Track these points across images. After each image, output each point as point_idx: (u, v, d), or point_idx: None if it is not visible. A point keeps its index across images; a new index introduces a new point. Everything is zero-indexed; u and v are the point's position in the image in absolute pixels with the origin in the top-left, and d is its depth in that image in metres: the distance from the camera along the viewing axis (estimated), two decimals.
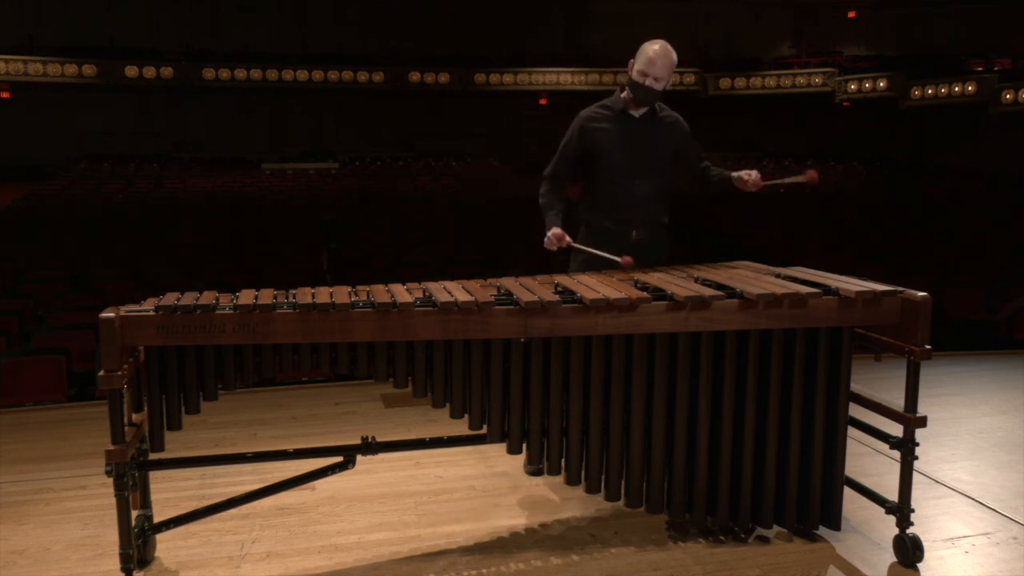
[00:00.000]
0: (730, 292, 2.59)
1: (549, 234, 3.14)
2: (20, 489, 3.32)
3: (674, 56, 3.11)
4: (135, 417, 2.46)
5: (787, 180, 3.17)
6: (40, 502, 3.20)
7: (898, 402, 2.60)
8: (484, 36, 22.08)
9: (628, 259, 2.92)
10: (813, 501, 2.71)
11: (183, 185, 17.28)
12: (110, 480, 2.34)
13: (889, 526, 2.71)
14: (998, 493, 3.16)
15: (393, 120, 22.12)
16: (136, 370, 2.43)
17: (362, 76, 20.97)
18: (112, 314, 2.29)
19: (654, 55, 3.09)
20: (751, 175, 3.20)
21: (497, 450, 3.34)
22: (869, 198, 15.87)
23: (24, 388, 5.05)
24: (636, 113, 3.21)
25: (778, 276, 2.85)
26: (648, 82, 3.10)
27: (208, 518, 2.70)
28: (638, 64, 3.12)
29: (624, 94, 3.21)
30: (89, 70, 19.46)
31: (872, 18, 23.29)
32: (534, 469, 3.35)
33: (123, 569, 2.39)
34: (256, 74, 20.44)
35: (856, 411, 2.72)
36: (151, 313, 2.34)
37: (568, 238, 3.13)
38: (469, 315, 2.45)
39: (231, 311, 2.37)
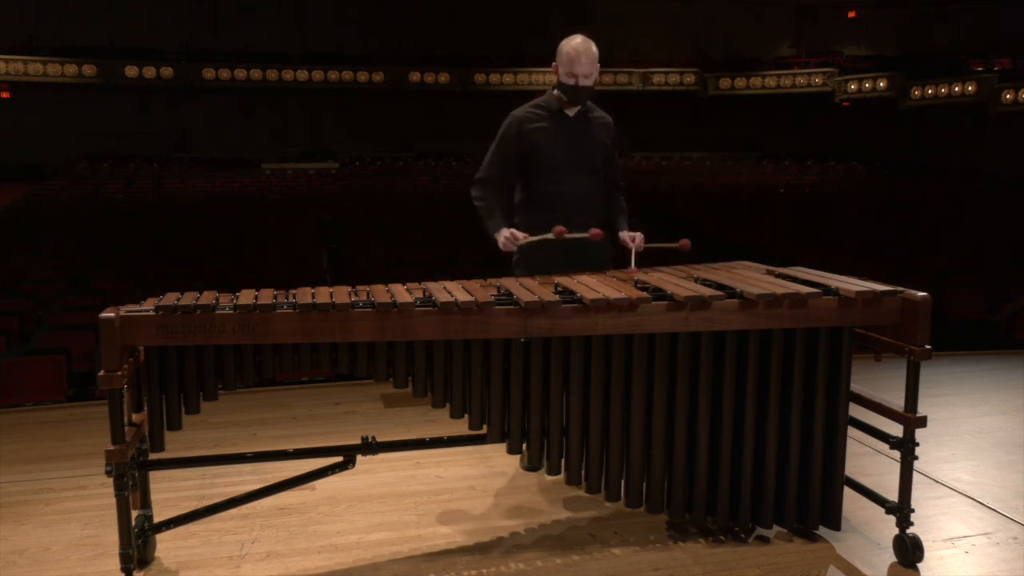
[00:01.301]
0: (730, 292, 2.59)
1: (502, 238, 3.10)
2: (20, 489, 3.32)
3: (594, 48, 3.10)
4: (135, 417, 2.46)
5: (663, 245, 3.16)
6: (40, 502, 3.20)
7: (898, 402, 2.60)
8: (484, 36, 22.08)
9: (561, 228, 2.96)
10: (813, 501, 2.71)
11: (183, 185, 17.28)
12: (110, 480, 2.34)
13: (889, 526, 2.71)
14: (998, 493, 3.16)
15: (393, 120, 22.13)
16: (136, 370, 2.43)
17: (362, 76, 20.98)
18: (112, 314, 2.29)
19: (574, 53, 3.08)
20: (636, 239, 3.15)
21: (497, 450, 3.34)
22: (869, 198, 15.86)
23: (24, 388, 5.05)
24: (570, 112, 3.21)
25: (778, 276, 2.85)
26: (578, 81, 3.10)
27: (208, 518, 2.70)
28: (562, 66, 3.11)
29: (556, 91, 3.20)
30: (89, 70, 19.47)
31: (872, 18, 23.30)
32: (529, 465, 3.36)
33: (123, 569, 2.39)
34: (256, 74, 20.45)
35: (856, 411, 2.72)
36: (151, 313, 2.34)
37: (522, 235, 3.09)
38: (469, 315, 2.45)
39: (231, 311, 2.37)
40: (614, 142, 3.34)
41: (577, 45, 3.09)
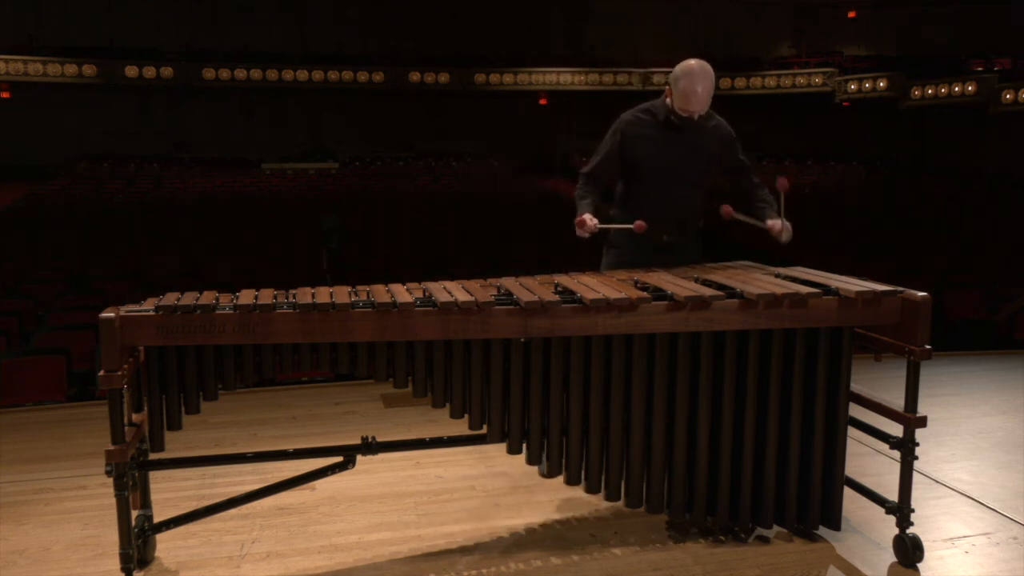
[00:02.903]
0: (730, 292, 2.59)
1: (576, 221, 3.10)
2: (20, 489, 3.32)
3: (710, 75, 3.02)
4: (135, 417, 2.46)
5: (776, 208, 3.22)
6: (40, 502, 3.19)
7: (898, 402, 2.60)
8: (484, 36, 22.07)
9: (641, 223, 2.99)
10: (813, 501, 2.71)
11: (183, 185, 17.29)
12: (110, 480, 2.34)
13: (889, 526, 2.71)
14: (998, 493, 3.16)
15: (393, 120, 22.12)
16: (136, 370, 2.43)
17: (362, 76, 20.97)
18: (112, 314, 2.29)
19: (690, 90, 3.00)
20: (783, 231, 3.17)
21: (497, 450, 3.33)
22: (869, 198, 15.87)
23: (24, 388, 5.05)
24: (679, 120, 3.16)
25: (778, 276, 2.85)
26: (693, 115, 3.07)
27: (208, 518, 2.70)
28: (677, 100, 3.06)
29: (668, 101, 3.15)
30: (89, 70, 19.46)
31: (872, 18, 23.29)
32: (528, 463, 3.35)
33: (123, 569, 2.40)
34: (256, 74, 20.43)
35: (856, 411, 2.72)
36: (151, 313, 2.34)
37: (594, 220, 3.08)
38: (469, 315, 2.45)
39: (231, 311, 2.37)
40: (731, 148, 3.26)
41: (693, 81, 2.99)
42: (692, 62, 3.05)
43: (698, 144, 3.20)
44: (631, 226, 3.03)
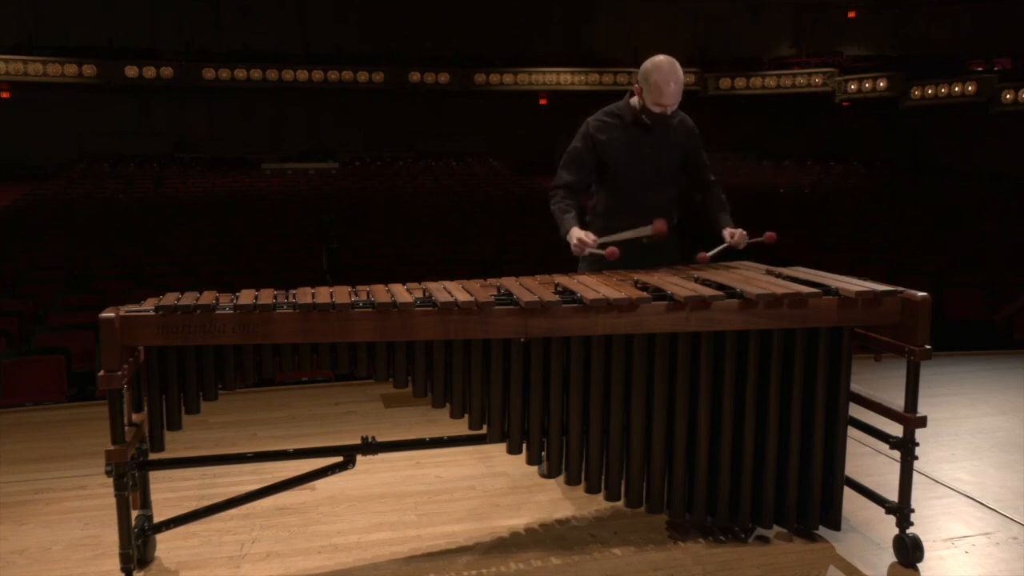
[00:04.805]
0: (730, 292, 2.59)
1: (574, 240, 3.00)
2: (20, 489, 3.32)
3: (679, 71, 3.03)
4: (135, 417, 2.46)
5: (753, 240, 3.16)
6: (40, 502, 3.19)
7: (898, 402, 2.60)
8: (484, 36, 22.08)
9: (613, 250, 2.90)
10: (813, 501, 2.71)
11: (183, 185, 17.28)
12: (110, 480, 2.34)
13: (889, 526, 2.71)
14: (998, 493, 3.16)
15: (393, 120, 22.12)
16: (136, 370, 2.43)
17: (362, 76, 20.98)
18: (112, 314, 2.29)
19: (663, 83, 2.99)
20: (740, 237, 3.12)
21: (497, 450, 3.33)
22: (869, 198, 15.86)
23: (24, 388, 5.04)
24: (649, 118, 3.14)
25: (778, 276, 2.85)
26: (666, 110, 3.05)
27: (208, 518, 2.70)
28: (649, 95, 3.04)
29: (634, 100, 3.15)
30: (89, 70, 19.47)
31: (872, 18, 23.28)
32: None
33: (123, 569, 2.40)
34: (256, 74, 20.44)
35: (856, 411, 2.72)
36: (151, 313, 2.34)
37: (592, 236, 3.01)
38: (469, 315, 2.45)
39: (231, 311, 2.37)
40: (695, 143, 3.26)
41: (665, 75, 2.98)
42: (660, 57, 3.05)
43: (668, 141, 3.19)
44: (605, 252, 2.94)
